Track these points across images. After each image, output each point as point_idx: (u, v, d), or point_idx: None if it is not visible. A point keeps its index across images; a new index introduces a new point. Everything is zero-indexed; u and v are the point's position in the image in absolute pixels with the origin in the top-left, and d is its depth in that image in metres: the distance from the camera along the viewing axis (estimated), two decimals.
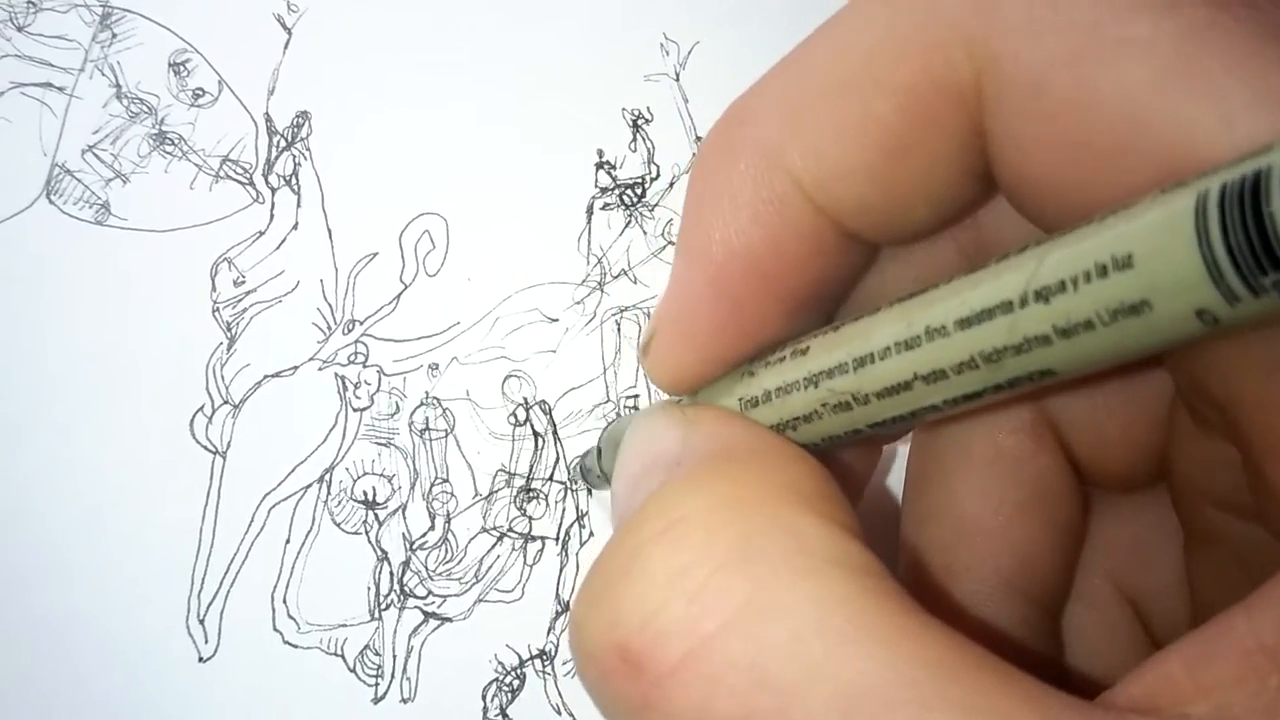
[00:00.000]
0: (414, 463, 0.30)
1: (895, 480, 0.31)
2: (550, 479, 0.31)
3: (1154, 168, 0.14)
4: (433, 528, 0.30)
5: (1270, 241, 0.11)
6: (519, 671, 0.29)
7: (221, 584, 0.28)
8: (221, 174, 0.31)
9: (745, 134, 0.18)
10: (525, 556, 0.30)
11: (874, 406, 0.16)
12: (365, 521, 0.30)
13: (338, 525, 0.29)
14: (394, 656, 0.29)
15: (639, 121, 0.34)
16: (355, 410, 0.30)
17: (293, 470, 0.30)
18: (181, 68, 0.32)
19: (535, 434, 0.31)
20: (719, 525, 0.15)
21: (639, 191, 0.34)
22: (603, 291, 0.33)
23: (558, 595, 0.30)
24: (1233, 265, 0.12)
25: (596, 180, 0.34)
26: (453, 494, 0.30)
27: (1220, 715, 0.12)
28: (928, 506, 0.22)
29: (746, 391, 0.19)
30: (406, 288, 0.32)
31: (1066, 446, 0.21)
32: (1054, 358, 0.14)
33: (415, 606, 0.29)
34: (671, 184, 0.35)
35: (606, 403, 0.32)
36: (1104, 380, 0.20)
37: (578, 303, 0.32)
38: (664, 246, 0.34)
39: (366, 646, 0.29)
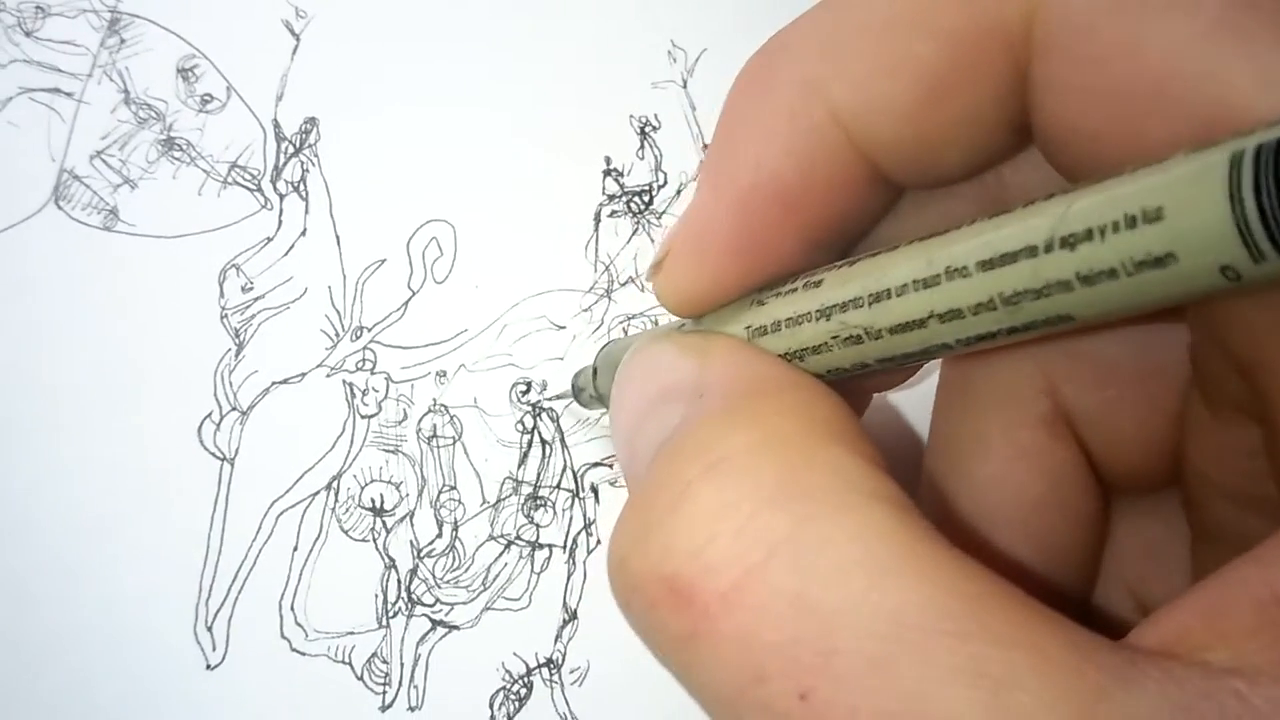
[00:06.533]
0: (421, 470, 0.30)
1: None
2: (558, 487, 0.31)
3: (1190, 123, 0.14)
4: (440, 535, 0.30)
5: None
6: (526, 680, 0.29)
7: (229, 591, 0.28)
8: (229, 180, 0.31)
9: (785, 64, 0.18)
10: (533, 564, 0.30)
11: (885, 341, 0.17)
12: (373, 529, 0.30)
13: (345, 532, 0.29)
14: (401, 664, 0.29)
15: (646, 129, 0.34)
16: (363, 417, 0.30)
17: (301, 477, 0.30)
18: (190, 73, 0.32)
19: (543, 441, 0.31)
20: (762, 462, 0.15)
21: (646, 199, 0.34)
22: (610, 299, 0.33)
23: (565, 603, 0.30)
24: (1262, 223, 0.12)
25: (604, 187, 0.34)
26: (460, 501, 0.30)
27: (1239, 662, 0.12)
28: (946, 501, 0.22)
29: (755, 320, 0.19)
30: (414, 294, 0.31)
31: (1083, 442, 0.21)
32: (1073, 303, 0.14)
33: (423, 614, 0.29)
34: (679, 191, 0.35)
35: None
36: (1120, 374, 0.20)
37: (585, 310, 0.32)
38: None
39: (374, 654, 0.29)
